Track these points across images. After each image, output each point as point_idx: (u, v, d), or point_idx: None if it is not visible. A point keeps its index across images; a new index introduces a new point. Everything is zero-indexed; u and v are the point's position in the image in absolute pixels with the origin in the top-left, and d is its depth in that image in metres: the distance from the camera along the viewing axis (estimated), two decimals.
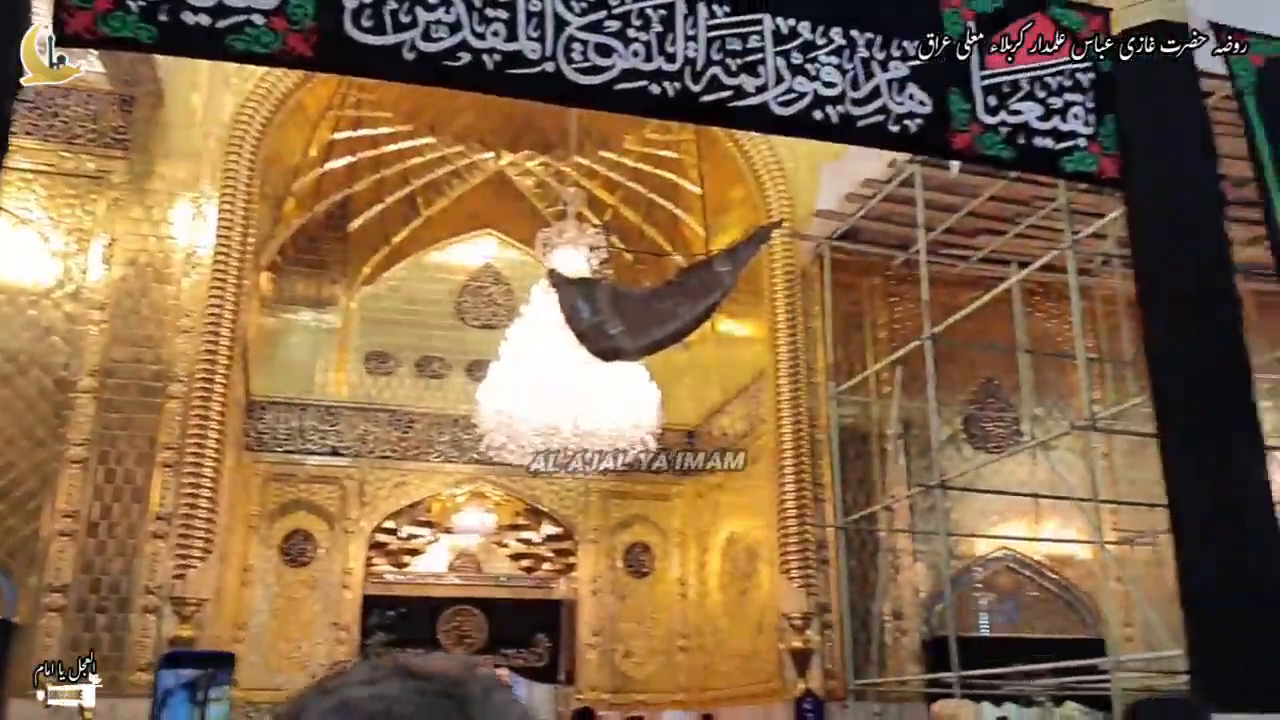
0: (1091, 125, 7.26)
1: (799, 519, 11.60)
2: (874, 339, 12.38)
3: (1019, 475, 11.38)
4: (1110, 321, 11.85)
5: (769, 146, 12.33)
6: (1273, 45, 7.19)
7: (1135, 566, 10.92)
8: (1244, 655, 6.21)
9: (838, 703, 10.85)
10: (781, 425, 12.02)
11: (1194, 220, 7.12)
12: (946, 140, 7.00)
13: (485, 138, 15.17)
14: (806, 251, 12.33)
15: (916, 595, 11.67)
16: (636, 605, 14.93)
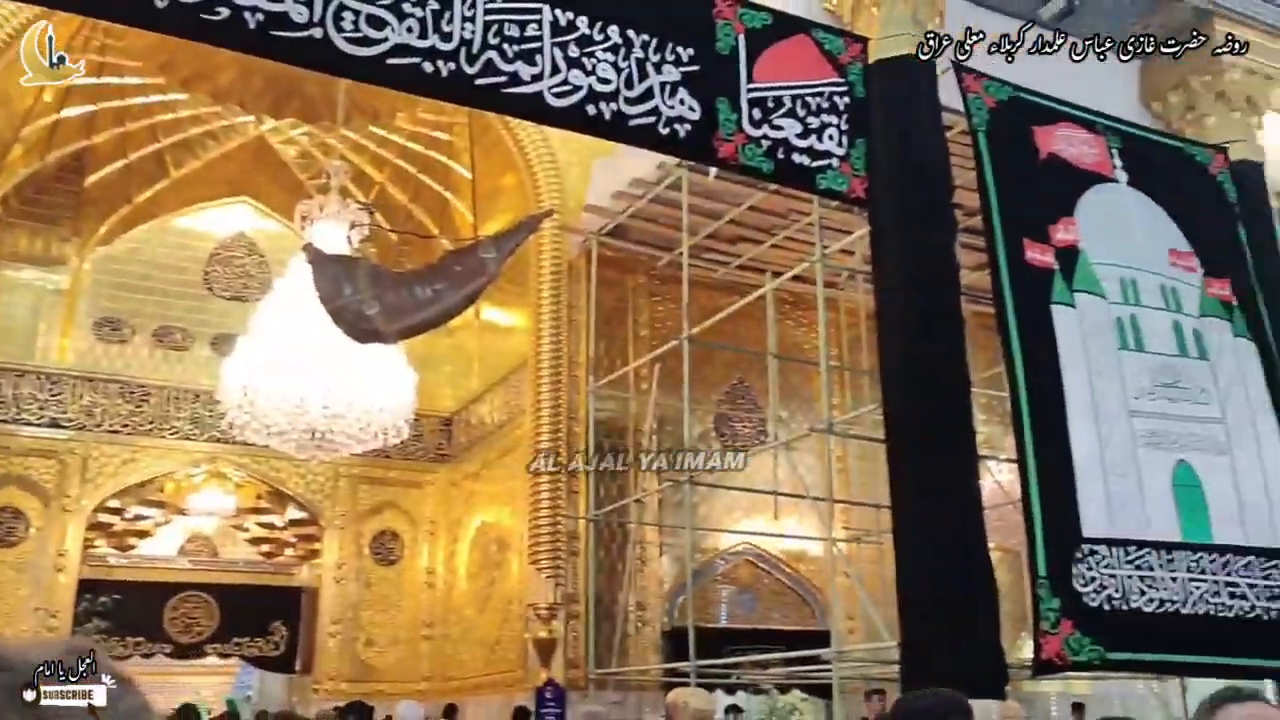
0: (844, 147, 7.72)
1: (551, 510, 11.69)
2: (635, 336, 12.64)
3: (763, 474, 11.93)
4: (853, 333, 12.60)
5: (543, 137, 12.34)
6: (1004, 90, 7.88)
7: (861, 563, 11.68)
8: (949, 647, 6.77)
9: (579, 691, 11.01)
10: (540, 416, 12.07)
11: (928, 244, 7.70)
12: (713, 147, 7.26)
13: (246, 100, 14.37)
14: (574, 245, 12.43)
15: (661, 587, 12.01)
16: (382, 593, 14.61)
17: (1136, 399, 7.46)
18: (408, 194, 14.92)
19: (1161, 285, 7.90)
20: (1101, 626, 6.65)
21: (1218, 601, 7.07)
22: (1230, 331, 8.07)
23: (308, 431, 9.77)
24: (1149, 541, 7.04)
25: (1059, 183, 7.86)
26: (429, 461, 15.26)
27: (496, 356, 14.10)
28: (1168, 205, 8.22)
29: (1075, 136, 8.02)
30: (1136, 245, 7.94)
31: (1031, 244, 7.49)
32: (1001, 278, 7.35)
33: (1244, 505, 7.42)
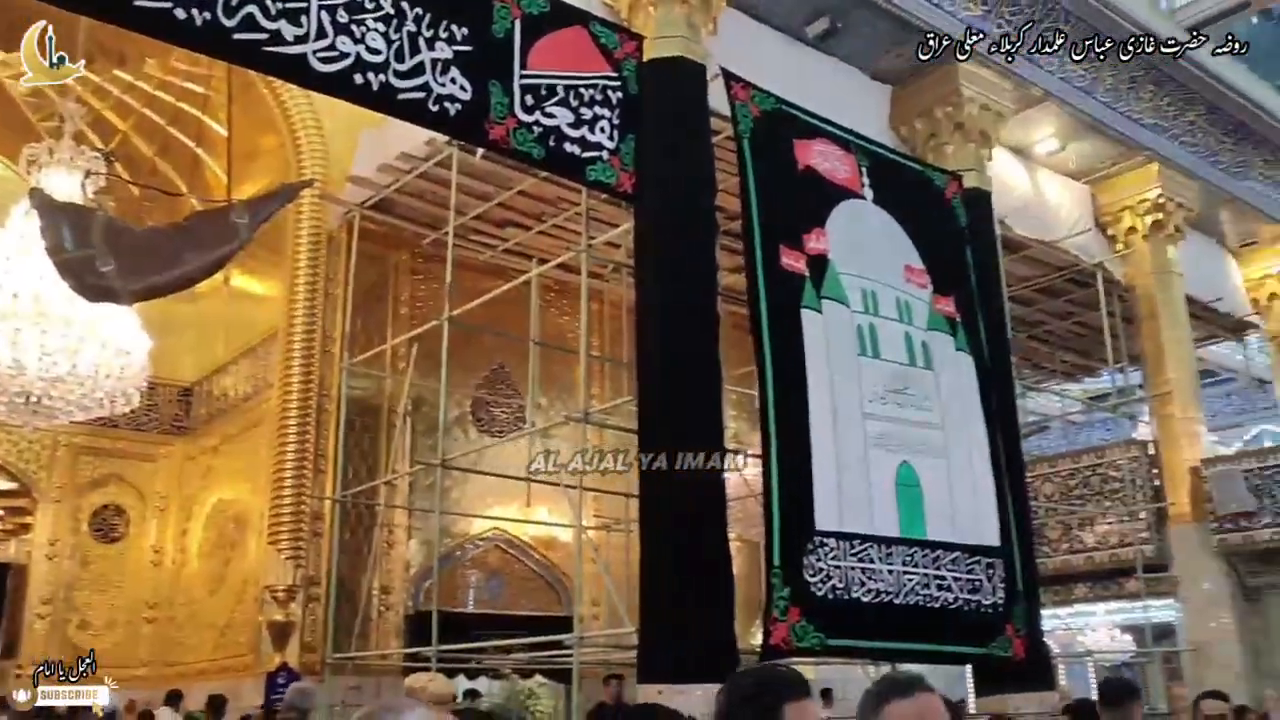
0: (615, 140, 7.83)
1: (296, 489, 11.23)
2: (395, 314, 12.32)
3: (518, 460, 11.93)
4: (614, 325, 12.81)
5: (308, 101, 11.79)
6: (769, 101, 8.23)
7: (610, 551, 11.91)
8: (685, 633, 7.03)
9: (314, 676, 10.64)
10: (289, 391, 11.56)
11: (690, 243, 7.96)
12: (484, 129, 7.19)
13: None
14: (336, 216, 11.96)
15: (407, 571, 11.79)
16: (100, 572, 13.59)
17: (870, 402, 7.99)
18: (154, 147, 13.88)
19: (897, 298, 8.50)
20: (824, 614, 7.09)
21: (927, 593, 7.69)
22: (952, 345, 8.79)
23: (21, 395, 8.92)
24: (872, 536, 7.57)
25: (814, 194, 8.30)
26: (163, 433, 14.32)
27: (245, 326, 13.38)
28: (907, 224, 8.85)
29: (830, 152, 8.48)
30: (878, 259, 8.50)
31: (786, 250, 7.87)
32: (757, 280, 7.68)
33: (954, 505, 8.11)
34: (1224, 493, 11.99)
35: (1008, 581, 8.30)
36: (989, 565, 8.21)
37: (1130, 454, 13.04)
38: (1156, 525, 12.69)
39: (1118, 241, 13.34)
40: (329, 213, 11.96)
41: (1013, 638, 8.24)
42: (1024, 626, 8.38)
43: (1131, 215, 13.14)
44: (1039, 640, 9.13)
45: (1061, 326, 15.83)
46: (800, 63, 9.95)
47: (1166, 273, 13.20)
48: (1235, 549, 12.07)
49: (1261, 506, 11.87)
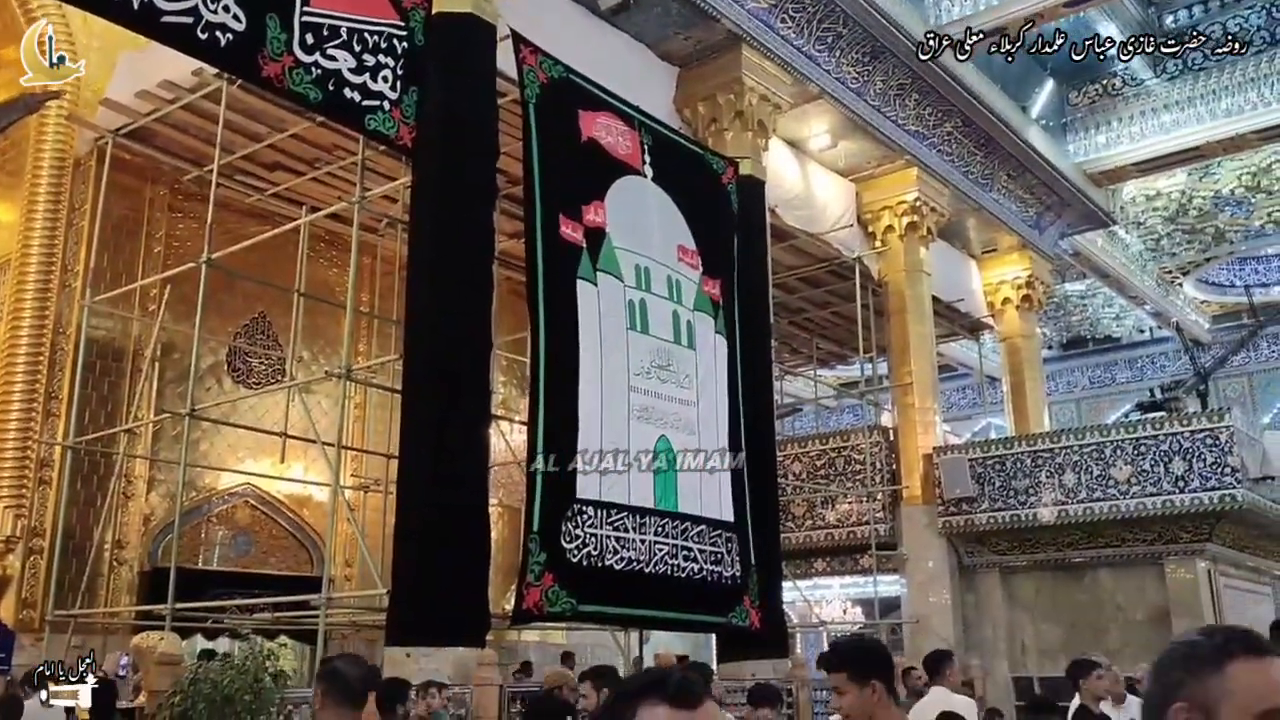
0: (398, 92, 7.61)
1: (22, 433, 10.34)
2: (148, 252, 11.51)
3: (275, 415, 11.46)
4: (386, 282, 12.49)
5: (59, 10, 10.77)
6: (558, 69, 8.21)
7: (367, 512, 11.66)
8: (437, 596, 6.99)
9: (32, 634, 9.88)
10: (19, 325, 10.59)
11: (467, 204, 7.84)
12: (257, 64, 6.81)
13: None
14: (86, 141, 11.02)
15: (146, 524, 11.12)
16: None
17: (636, 376, 8.18)
18: None
19: (669, 276, 8.72)
20: (577, 581, 7.23)
21: (675, 563, 7.98)
22: (713, 327, 9.11)
23: None
24: (629, 506, 7.77)
25: (595, 166, 8.37)
26: None
27: None
28: (683, 205, 9.08)
29: (614, 126, 8.57)
30: (653, 237, 8.68)
31: (566, 220, 7.91)
32: (535, 248, 7.68)
33: (702, 480, 8.44)
34: (951, 479, 13.04)
35: (743, 555, 8.73)
36: (728, 539, 8.61)
37: (873, 439, 13.95)
38: (890, 506, 13.66)
39: (876, 239, 14.18)
40: (77, 137, 11.01)
41: (750, 609, 8.68)
42: (759, 598, 8.84)
43: (890, 215, 14.00)
44: (776, 611, 9.66)
45: (820, 315, 16.70)
46: (591, 35, 9.99)
47: (917, 271, 14.15)
48: (957, 530, 13.17)
49: (982, 493, 12.99)
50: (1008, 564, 13.31)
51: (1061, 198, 16.27)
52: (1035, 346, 17.40)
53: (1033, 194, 15.92)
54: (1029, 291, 16.70)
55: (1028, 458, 12.86)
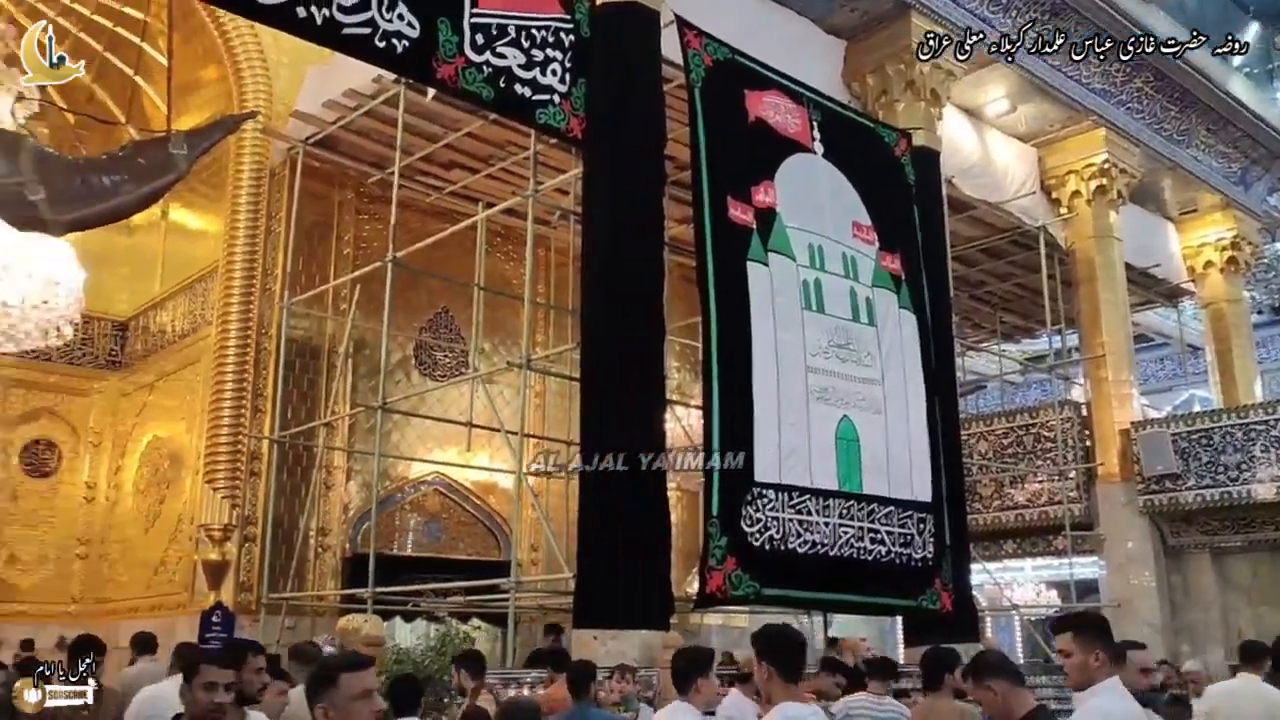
0: (567, 84, 7.72)
1: (233, 428, 11.09)
2: (338, 253, 12.11)
3: (460, 405, 11.87)
4: (560, 272, 12.74)
5: (253, 32, 11.47)
6: (722, 51, 8.15)
7: (549, 498, 11.94)
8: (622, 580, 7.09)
9: (249, 616, 10.60)
10: (228, 328, 11.36)
11: (637, 192, 7.89)
12: (432, 68, 7.04)
13: None
14: (279, 152, 11.70)
15: (346, 513, 11.72)
16: (30, 508, 13.32)
17: (813, 356, 8.05)
18: (91, 73, 13.42)
19: (843, 254, 8.54)
20: (760, 564, 7.19)
21: (861, 545, 7.83)
22: (896, 303, 8.87)
23: None
24: (810, 488, 7.66)
25: (763, 146, 8.27)
26: (97, 368, 14.02)
27: (183, 261, 13.09)
28: (856, 180, 8.87)
29: (782, 105, 8.45)
30: (825, 214, 8.52)
31: (735, 202, 7.85)
32: (705, 232, 7.66)
33: (890, 460, 8.24)
34: (1151, 455, 12.32)
35: (937, 536, 8.47)
36: (920, 520, 8.37)
37: (1063, 415, 13.32)
38: (1085, 485, 13.01)
39: (1061, 205, 13.50)
40: (271, 148, 11.70)
41: (940, 591, 8.43)
42: (952, 580, 8.58)
43: (1076, 179, 13.30)
44: (966, 594, 9.37)
45: (1002, 287, 16.05)
46: (755, 13, 9.87)
47: (1107, 238, 13.40)
48: (1160, 510, 12.43)
49: (1187, 469, 12.21)
50: (1219, 544, 12.48)
51: (1269, 150, 15.08)
52: (1243, 311, 16.19)
53: (1236, 148, 14.81)
54: (1234, 253, 15.55)
55: (1238, 430, 12.02)
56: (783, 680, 3.33)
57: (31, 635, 10.94)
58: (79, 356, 13.64)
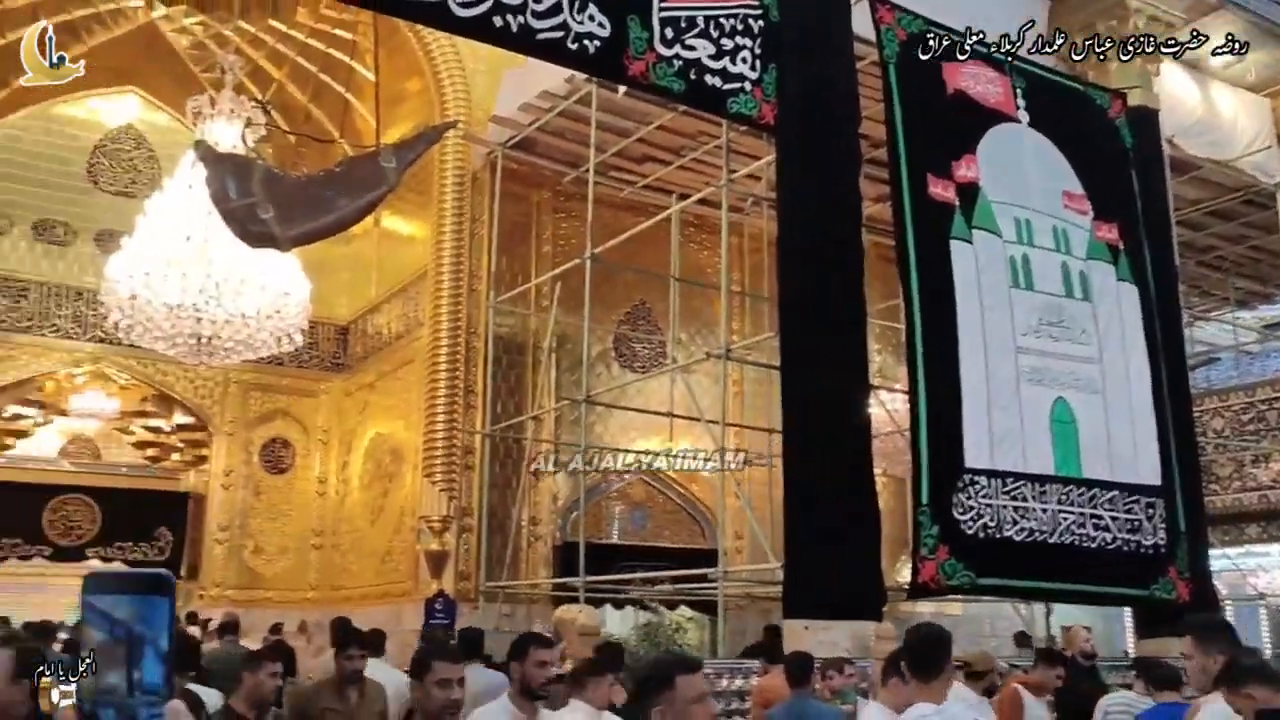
0: (757, 71, 7.65)
1: (448, 424, 11.62)
2: (538, 252, 12.49)
3: (660, 395, 12.01)
4: (755, 259, 12.67)
5: (451, 43, 11.95)
6: (916, 23, 7.87)
7: (752, 485, 11.92)
8: (831, 569, 6.99)
9: (469, 603, 11.09)
10: (438, 329, 11.91)
11: (833, 173, 7.73)
12: (623, 65, 7.12)
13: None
14: (479, 156, 12.16)
15: (554, 503, 12.09)
16: (271, 502, 14.40)
17: (1023, 336, 7.69)
18: (307, 94, 14.34)
19: (1054, 226, 8.10)
20: (975, 553, 6.93)
21: (1083, 532, 7.42)
22: (1114, 275, 8.34)
23: (194, 337, 9.45)
24: (1025, 474, 7.32)
25: (964, 120, 7.94)
26: (323, 370, 14.98)
27: (395, 266, 13.81)
28: (1066, 148, 8.40)
29: (982, 74, 8.09)
30: (1033, 186, 8.10)
31: (934, 179, 7.58)
32: (904, 211, 7.43)
33: (1112, 442, 7.76)
34: None
35: (1169, 521, 7.93)
36: (1149, 505, 7.86)
37: None
38: None
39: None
40: (472, 153, 12.17)
41: (1176, 580, 7.89)
42: (1188, 568, 8.02)
43: None
44: (1206, 582, 8.73)
45: (1234, 251, 14.85)
46: None
47: None
48: None
49: None
50: None
51: None
52: None
53: None
54: None
55: None
56: (918, 678, 3.30)
57: (279, 620, 11.79)
58: (307, 360, 14.59)
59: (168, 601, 1.56)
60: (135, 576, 1.81)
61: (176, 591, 1.58)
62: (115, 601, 1.56)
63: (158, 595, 1.56)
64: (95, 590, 1.60)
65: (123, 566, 15.63)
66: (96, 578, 1.87)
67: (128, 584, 1.63)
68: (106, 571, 5.01)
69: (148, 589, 1.57)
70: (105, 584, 1.64)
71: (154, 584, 1.59)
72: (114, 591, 1.58)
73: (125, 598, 1.56)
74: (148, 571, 2.40)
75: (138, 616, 1.55)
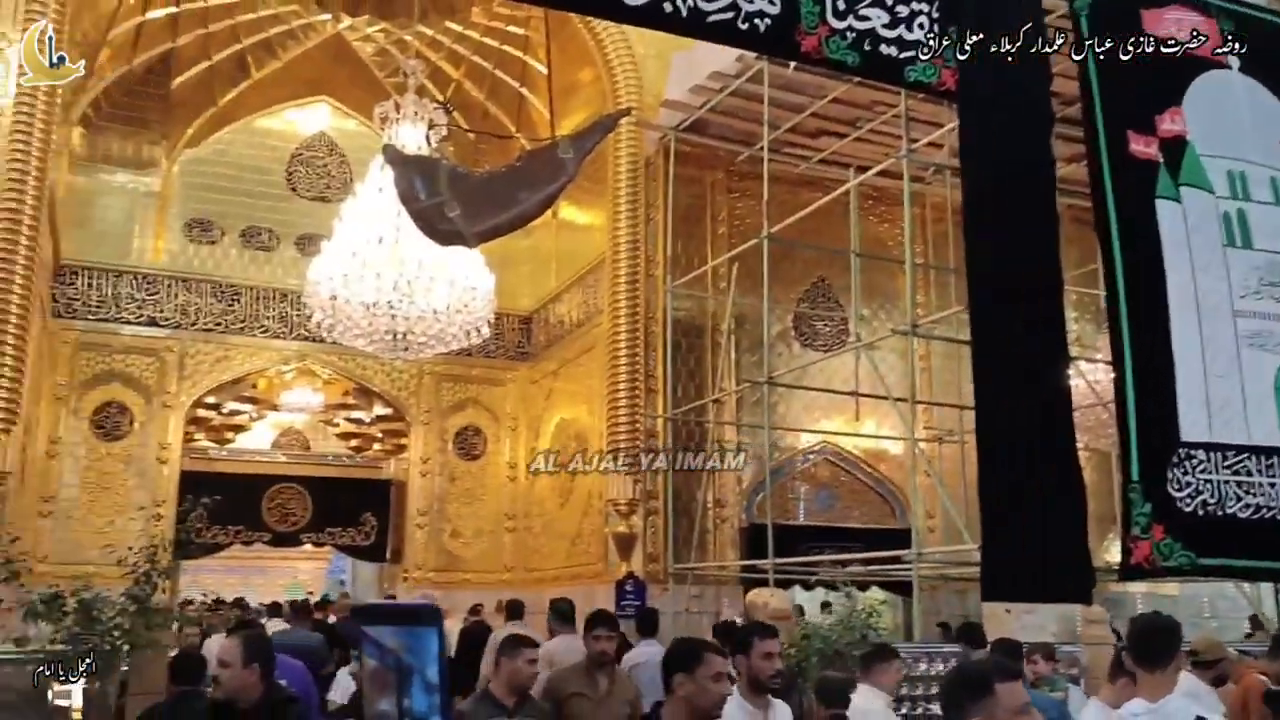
0: (935, 36, 7.36)
1: (629, 408, 11.76)
2: (713, 233, 12.47)
3: (843, 374, 11.81)
4: (939, 229, 12.27)
5: (620, 30, 12.05)
6: None
7: (942, 463, 11.59)
8: (1034, 549, 6.69)
9: (658, 585, 11.23)
10: (617, 315, 12.06)
11: (1022, 135, 7.36)
12: (795, 42, 6.95)
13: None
14: (652, 141, 12.22)
15: (739, 485, 12.07)
16: (466, 487, 14.96)
17: (1241, 298, 7.10)
18: (484, 91, 14.77)
19: (1272, 178, 7.44)
20: (1194, 532, 6.47)
21: None
22: None
23: (390, 333, 9.89)
24: (1249, 446, 6.79)
25: (1166, 69, 7.38)
26: (509, 360, 15.43)
27: (574, 256, 14.06)
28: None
29: (1185, 19, 7.50)
30: (1247, 137, 7.47)
31: (1135, 135, 7.08)
32: (1102, 171, 6.98)
33: None
34: None
35: None
36: None
37: None
38: None
39: None
40: (645, 139, 12.24)
41: None
42: None
43: None
44: None
45: None
46: None
47: None
48: None
49: None
50: None
51: None
52: None
53: None
54: None
55: None
56: (1142, 669, 3.17)
57: (478, 600, 12.26)
58: (494, 351, 15.05)
59: (434, 632, 1.63)
60: (402, 610, 1.92)
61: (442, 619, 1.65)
62: (384, 632, 1.64)
63: (422, 626, 1.64)
64: (368, 621, 1.72)
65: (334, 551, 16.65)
66: (368, 610, 1.98)
67: (394, 616, 1.73)
68: (377, 604, 5.34)
69: (413, 621, 1.65)
70: (376, 616, 1.75)
71: (418, 616, 1.67)
72: (383, 623, 1.67)
73: (392, 628, 1.65)
74: (412, 604, 2.56)
75: (405, 647, 1.63)
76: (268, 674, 3.54)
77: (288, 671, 4.86)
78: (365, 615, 1.85)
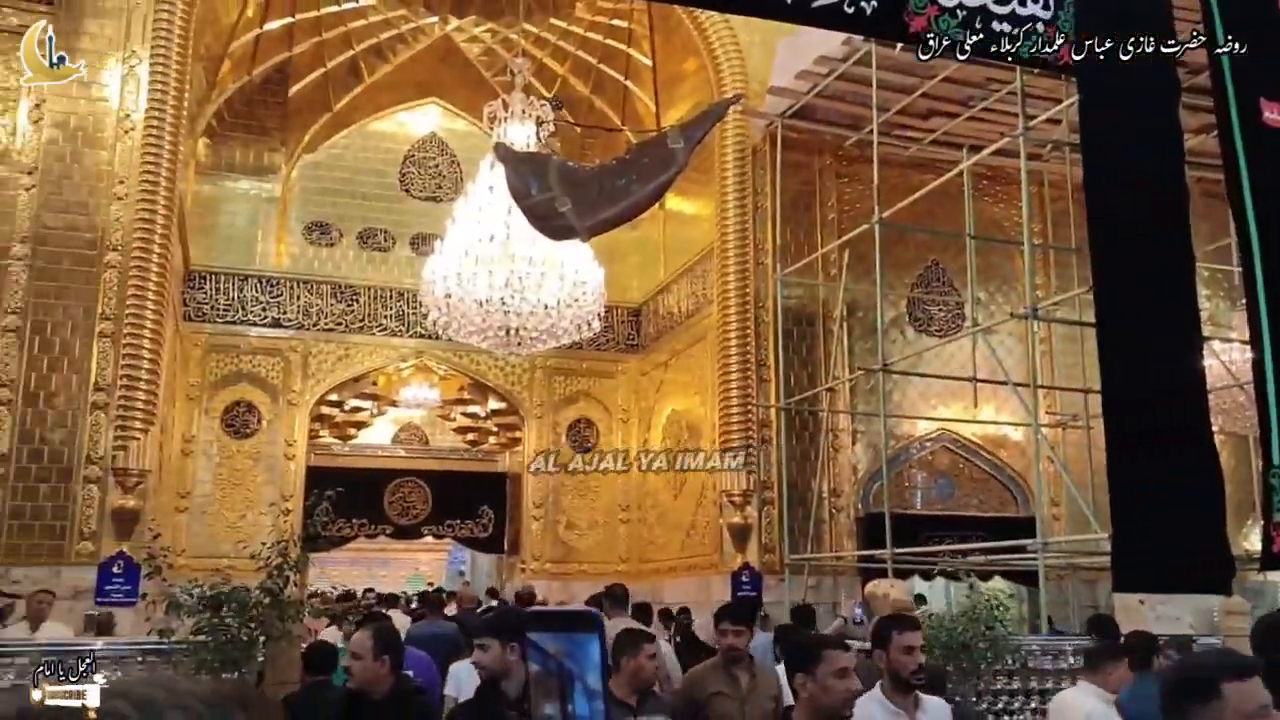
0: (1050, 9, 7.11)
1: (742, 398, 11.72)
2: (823, 220, 12.32)
3: (959, 359, 11.55)
4: (1058, 208, 11.89)
5: (724, 19, 11.99)
6: None
7: (1066, 449, 11.24)
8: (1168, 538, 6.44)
9: (774, 575, 11.17)
10: (727, 305, 12.02)
11: (1147, 107, 7.07)
12: (903, 23, 6.81)
13: (430, 1, 14.57)
14: (758, 129, 12.13)
15: (854, 474, 11.93)
16: (580, 479, 15.12)
17: None
18: (589, 85, 14.88)
19: None
20: None
21: None
22: None
23: (503, 329, 10.06)
24: None
25: None
26: (619, 352, 15.53)
27: (682, 246, 14.07)
28: None
29: None
30: None
31: (1268, 104, 6.76)
32: (1234, 142, 6.68)
33: None
34: None
35: None
36: None
37: None
38: None
39: None
40: (751, 126, 12.16)
41: None
42: None
43: None
44: None
45: None
46: None
47: None
48: None
49: None
50: None
51: None
52: None
53: None
54: None
55: None
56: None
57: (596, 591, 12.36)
58: (604, 343, 15.16)
59: (594, 639, 1.66)
60: (562, 615, 1.95)
61: (603, 626, 1.68)
62: (546, 638, 1.68)
63: (582, 632, 1.67)
64: (532, 627, 1.77)
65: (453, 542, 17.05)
66: (534, 616, 2.02)
67: (555, 621, 1.77)
68: (543, 610, 5.48)
69: (573, 626, 1.69)
70: (538, 622, 1.80)
71: (578, 621, 1.71)
72: (545, 629, 1.72)
73: (553, 634, 1.69)
74: (572, 609, 2.58)
75: (566, 653, 1.66)
76: (397, 666, 3.63)
77: (414, 663, 4.97)
78: (531, 620, 1.89)
